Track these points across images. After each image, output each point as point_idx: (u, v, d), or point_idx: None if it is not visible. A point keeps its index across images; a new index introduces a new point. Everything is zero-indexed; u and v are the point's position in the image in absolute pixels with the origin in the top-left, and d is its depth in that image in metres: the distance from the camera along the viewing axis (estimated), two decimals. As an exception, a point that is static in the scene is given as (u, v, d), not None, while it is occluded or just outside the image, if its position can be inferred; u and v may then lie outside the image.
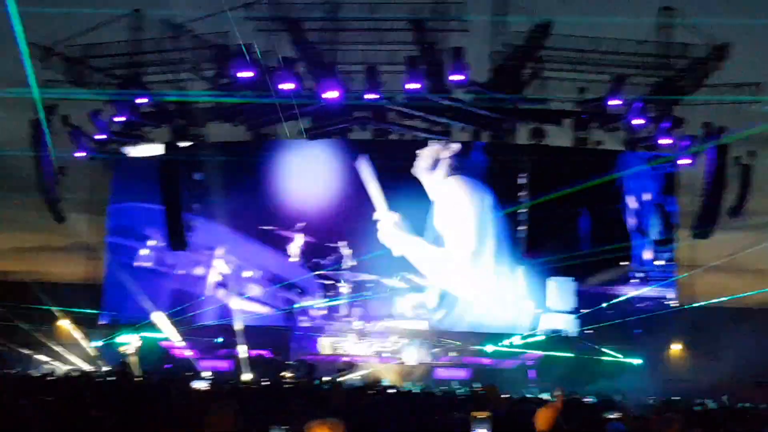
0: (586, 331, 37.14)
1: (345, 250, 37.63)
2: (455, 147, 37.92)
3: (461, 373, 35.20)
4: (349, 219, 37.90)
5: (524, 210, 35.89)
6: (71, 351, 35.11)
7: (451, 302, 37.53)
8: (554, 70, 38.72)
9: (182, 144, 37.95)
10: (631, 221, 38.61)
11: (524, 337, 36.53)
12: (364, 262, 37.47)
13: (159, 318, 36.87)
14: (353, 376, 32.27)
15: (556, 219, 36.18)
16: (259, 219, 38.38)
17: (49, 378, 23.92)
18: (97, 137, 39.17)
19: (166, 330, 36.75)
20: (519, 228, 36.53)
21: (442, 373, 35.37)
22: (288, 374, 31.69)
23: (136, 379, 26.84)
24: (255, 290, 38.72)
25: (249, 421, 8.59)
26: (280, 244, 38.50)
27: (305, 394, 18.93)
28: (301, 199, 37.71)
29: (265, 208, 38.41)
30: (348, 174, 37.62)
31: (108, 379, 24.67)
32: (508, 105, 38.10)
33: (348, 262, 37.47)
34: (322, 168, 37.84)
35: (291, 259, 38.40)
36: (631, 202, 38.65)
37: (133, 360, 32.98)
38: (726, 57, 36.87)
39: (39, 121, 36.82)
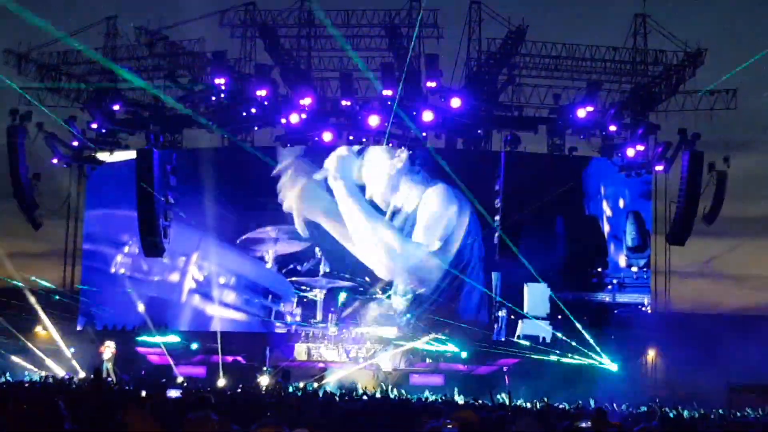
0: (561, 337, 37.21)
1: (320, 256, 37.72)
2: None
3: (436, 380, 35.22)
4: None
5: (498, 216, 35.94)
6: (48, 357, 34.95)
7: (418, 305, 37.58)
8: (529, 76, 38.88)
9: (157, 150, 37.76)
10: (606, 228, 38.72)
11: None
12: (339, 267, 37.59)
13: (135, 324, 36.85)
14: (328, 382, 32.28)
15: (531, 225, 36.22)
16: (235, 225, 38.38)
17: (25, 385, 23.84)
18: (72, 144, 38.96)
19: (141, 336, 36.75)
20: (495, 234, 36.52)
21: (417, 379, 35.37)
22: (264, 381, 31.65)
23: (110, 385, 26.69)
24: (230, 296, 38.66)
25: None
26: (255, 251, 38.49)
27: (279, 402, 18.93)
28: (276, 205, 37.65)
29: (241, 214, 38.43)
30: (322, 180, 37.65)
31: (84, 387, 24.53)
32: (483, 111, 38.14)
33: (323, 268, 37.54)
34: (297, 174, 37.73)
35: (267, 266, 38.39)
36: (606, 209, 38.76)
37: (109, 366, 32.89)
38: (701, 63, 37.07)
39: (15, 128, 36.74)
